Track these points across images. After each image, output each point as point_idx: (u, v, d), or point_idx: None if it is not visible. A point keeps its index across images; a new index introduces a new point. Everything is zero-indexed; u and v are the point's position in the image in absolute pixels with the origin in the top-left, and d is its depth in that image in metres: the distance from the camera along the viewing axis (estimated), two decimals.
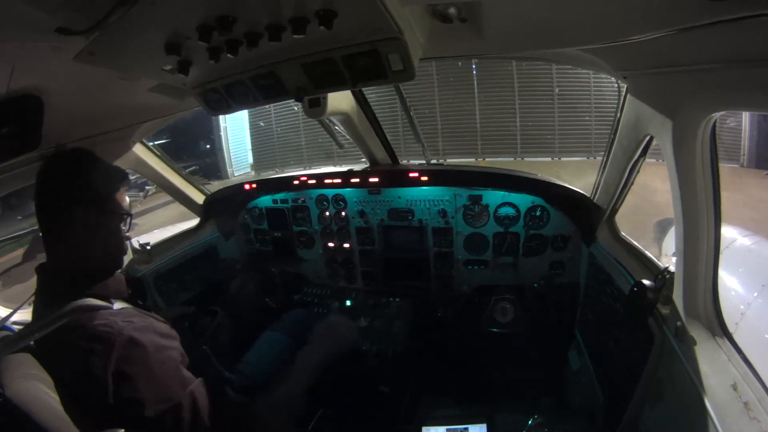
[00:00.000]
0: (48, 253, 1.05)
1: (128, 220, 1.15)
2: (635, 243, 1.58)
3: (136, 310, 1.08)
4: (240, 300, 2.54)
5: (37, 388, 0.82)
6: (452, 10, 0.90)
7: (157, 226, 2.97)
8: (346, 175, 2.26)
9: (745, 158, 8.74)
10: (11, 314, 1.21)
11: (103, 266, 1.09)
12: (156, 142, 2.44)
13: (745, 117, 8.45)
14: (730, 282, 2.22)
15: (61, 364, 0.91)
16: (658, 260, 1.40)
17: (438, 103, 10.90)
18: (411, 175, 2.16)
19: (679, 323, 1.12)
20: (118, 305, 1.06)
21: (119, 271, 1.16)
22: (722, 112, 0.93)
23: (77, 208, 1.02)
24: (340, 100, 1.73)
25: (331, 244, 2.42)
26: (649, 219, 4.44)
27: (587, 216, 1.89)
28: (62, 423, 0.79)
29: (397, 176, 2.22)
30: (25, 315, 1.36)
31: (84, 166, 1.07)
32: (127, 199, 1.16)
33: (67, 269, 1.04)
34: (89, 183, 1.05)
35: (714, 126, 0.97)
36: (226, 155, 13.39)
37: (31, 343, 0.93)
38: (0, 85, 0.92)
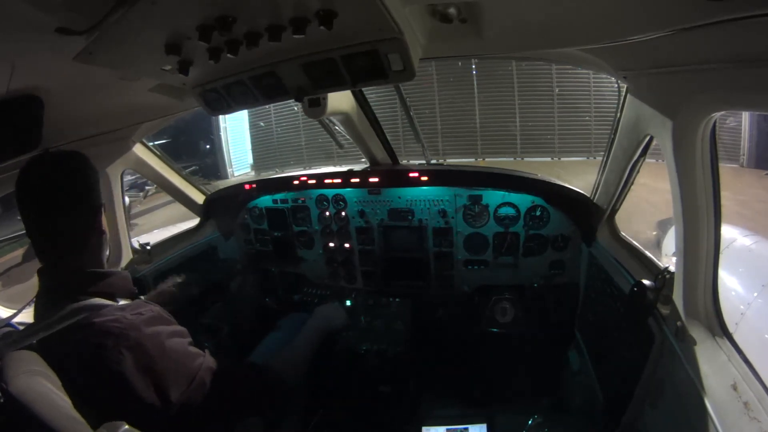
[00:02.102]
0: (44, 257, 1.03)
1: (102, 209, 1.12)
2: (635, 243, 1.58)
3: (142, 301, 1.08)
4: (240, 300, 2.54)
5: (41, 385, 0.82)
6: (452, 10, 0.90)
7: (157, 226, 2.98)
8: (346, 175, 2.26)
9: (745, 158, 8.75)
10: (16, 313, 1.21)
11: (99, 261, 1.09)
12: (156, 142, 2.44)
13: (745, 117, 8.45)
14: (730, 282, 2.22)
15: (71, 364, 0.90)
16: (658, 260, 1.40)
17: (438, 103, 10.91)
18: (411, 175, 2.16)
19: (679, 323, 1.12)
20: (123, 302, 1.05)
21: (121, 268, 1.16)
22: (722, 112, 0.93)
23: (69, 208, 1.01)
24: (340, 100, 1.73)
25: (331, 244, 2.42)
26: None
27: (587, 216, 1.89)
28: (66, 419, 0.79)
29: (397, 176, 2.22)
30: (28, 315, 1.36)
31: (69, 166, 1.05)
32: (127, 199, 1.16)
33: (68, 271, 1.02)
34: (76, 183, 1.04)
35: (714, 126, 0.97)
36: (226, 155, 13.40)
37: (35, 342, 0.92)
38: (0, 85, 0.92)
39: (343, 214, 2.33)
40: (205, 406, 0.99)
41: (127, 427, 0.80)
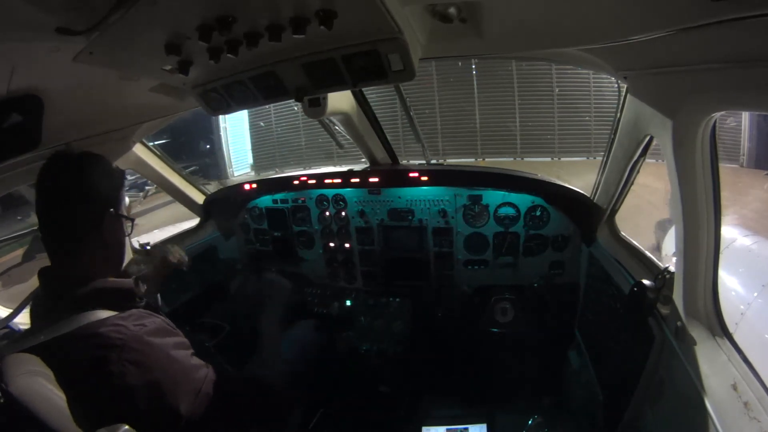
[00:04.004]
0: (54, 258, 1.01)
1: (131, 225, 1.12)
2: (635, 243, 1.58)
3: (145, 311, 1.06)
4: (240, 300, 2.54)
5: (42, 385, 0.81)
6: (452, 10, 0.90)
7: (157, 226, 2.98)
8: (346, 175, 2.26)
9: (745, 158, 8.73)
10: (15, 314, 1.20)
11: (108, 271, 1.05)
12: (156, 142, 2.44)
13: (745, 117, 8.44)
14: (730, 282, 2.22)
15: (72, 373, 0.87)
16: (658, 260, 1.41)
17: (438, 103, 10.89)
18: (411, 175, 2.16)
19: (679, 323, 1.12)
20: (126, 312, 1.01)
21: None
22: (722, 112, 0.93)
23: (90, 212, 0.99)
24: (340, 100, 1.73)
25: (331, 244, 2.42)
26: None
27: (587, 216, 1.89)
28: (67, 420, 0.78)
29: (397, 176, 2.22)
30: (25, 315, 1.36)
31: (93, 167, 1.03)
32: (127, 199, 1.14)
33: (72, 275, 0.99)
34: (100, 185, 1.02)
35: (714, 126, 0.97)
36: (226, 155, 13.38)
37: (35, 345, 0.91)
38: (0, 85, 0.92)
39: (343, 214, 2.33)
40: (208, 417, 0.97)
41: (126, 427, 0.80)
